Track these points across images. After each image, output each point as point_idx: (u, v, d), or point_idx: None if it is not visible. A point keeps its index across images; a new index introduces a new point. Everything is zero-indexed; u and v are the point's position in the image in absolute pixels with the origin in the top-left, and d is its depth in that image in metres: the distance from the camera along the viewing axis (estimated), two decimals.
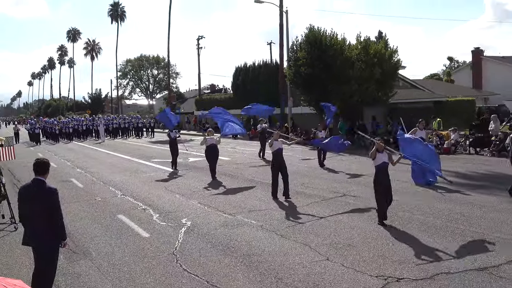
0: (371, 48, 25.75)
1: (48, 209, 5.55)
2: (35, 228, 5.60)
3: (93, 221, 10.07)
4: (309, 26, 27.60)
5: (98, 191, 13.73)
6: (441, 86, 42.32)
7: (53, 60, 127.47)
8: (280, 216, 9.88)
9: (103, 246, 8.19)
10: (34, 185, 5.69)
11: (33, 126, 40.02)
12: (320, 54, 25.92)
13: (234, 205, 11.13)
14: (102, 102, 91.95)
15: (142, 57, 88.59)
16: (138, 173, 17.37)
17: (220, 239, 8.30)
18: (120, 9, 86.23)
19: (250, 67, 42.42)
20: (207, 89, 73.09)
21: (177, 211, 10.69)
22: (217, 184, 14.13)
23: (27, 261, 7.32)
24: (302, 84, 27.51)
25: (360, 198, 11.40)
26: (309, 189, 12.76)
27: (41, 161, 5.81)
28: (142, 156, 23.56)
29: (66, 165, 20.93)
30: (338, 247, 7.61)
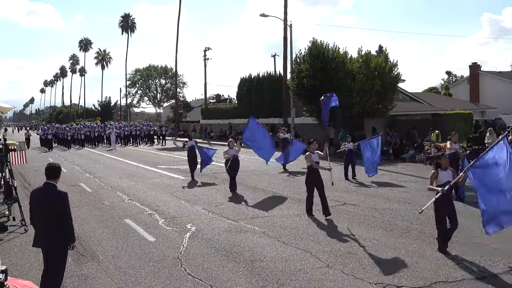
0: (372, 61, 25.80)
1: (58, 212, 5.55)
2: (45, 231, 5.60)
3: (101, 225, 10.05)
4: (312, 39, 27.75)
5: (106, 196, 13.73)
6: (440, 99, 42.28)
7: (65, 69, 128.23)
8: (282, 223, 9.83)
9: (110, 249, 8.17)
10: (45, 189, 5.69)
11: (46, 132, 39.74)
12: (322, 66, 25.97)
13: (237, 211, 11.09)
14: (111, 110, 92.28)
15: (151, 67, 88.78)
16: (145, 179, 17.36)
17: (224, 244, 8.27)
18: (131, 20, 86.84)
19: (254, 78, 42.52)
20: (213, 98, 73.26)
21: (182, 216, 10.66)
22: (221, 191, 14.10)
23: (36, 262, 7.30)
24: (305, 95, 27.53)
25: (359, 207, 11.35)
26: None
27: (53, 165, 5.82)
28: (149, 162, 23.56)
29: (75, 170, 20.95)
30: (338, 254, 7.56)
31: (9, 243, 8.85)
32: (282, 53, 34.66)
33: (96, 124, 48.19)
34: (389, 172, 17.99)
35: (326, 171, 10.62)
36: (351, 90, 25.22)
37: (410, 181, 15.41)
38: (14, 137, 54.33)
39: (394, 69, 26.49)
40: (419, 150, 22.13)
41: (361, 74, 25.45)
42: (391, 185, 14.52)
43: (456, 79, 71.04)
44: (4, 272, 3.66)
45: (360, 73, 25.52)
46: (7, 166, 10.43)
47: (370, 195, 12.84)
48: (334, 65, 25.99)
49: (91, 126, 45.37)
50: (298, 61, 28.54)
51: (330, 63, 26.04)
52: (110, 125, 46.01)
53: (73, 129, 43.16)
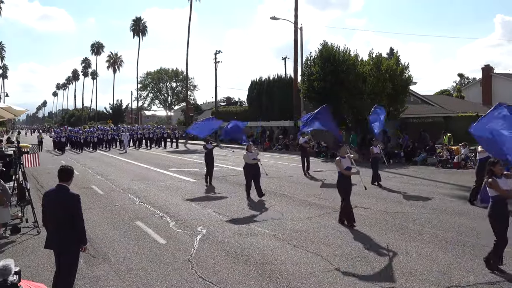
0: (383, 64, 25.69)
1: (70, 214, 5.59)
2: (57, 232, 5.65)
3: (112, 227, 10.12)
4: (323, 42, 27.80)
5: (117, 198, 13.81)
6: (452, 102, 41.98)
7: (77, 72, 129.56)
8: (293, 226, 9.81)
9: (121, 252, 8.21)
10: (57, 191, 5.74)
11: (59, 135, 39.52)
12: (333, 69, 25.94)
13: (248, 214, 11.09)
14: (122, 113, 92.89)
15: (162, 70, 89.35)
16: (155, 181, 17.43)
17: (234, 247, 8.27)
18: (142, 24, 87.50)
19: (265, 81, 42.57)
20: (223, 101, 73.38)
21: (193, 219, 10.69)
22: (231, 194, 14.11)
23: (48, 264, 7.36)
24: (315, 98, 27.51)
25: (371, 210, 11.28)
26: (321, 200, 12.68)
27: (65, 168, 5.87)
28: (160, 165, 23.67)
29: (87, 172, 21.12)
30: (349, 257, 7.52)
31: (22, 244, 8.94)
32: (293, 56, 34.75)
33: (109, 127, 47.69)
34: (401, 175, 17.87)
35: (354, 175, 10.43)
36: (362, 92, 25.15)
37: (421, 184, 15.29)
38: (27, 139, 55.00)
39: (405, 71, 26.34)
40: (431, 153, 21.95)
41: (372, 76, 25.37)
42: (403, 188, 14.41)
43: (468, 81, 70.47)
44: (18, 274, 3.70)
45: (371, 75, 25.44)
46: (20, 168, 10.55)
47: (382, 198, 12.76)
48: (345, 67, 25.96)
49: (104, 129, 45.04)
50: (308, 63, 28.56)
51: (340, 66, 26.01)
52: (123, 128, 45.37)
53: (86, 131, 42.91)
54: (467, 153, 20.38)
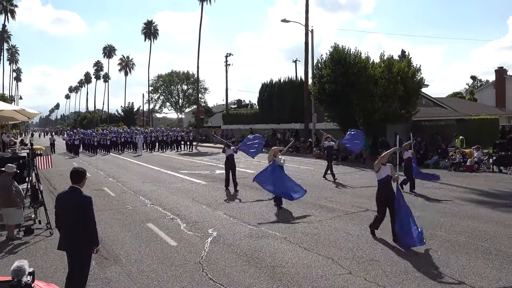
0: (395, 66, 25.58)
1: (83, 216, 5.63)
2: (69, 234, 5.69)
3: (124, 229, 10.18)
4: (334, 44, 27.77)
5: (129, 200, 13.90)
6: (464, 104, 41.61)
7: (89, 75, 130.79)
8: (303, 229, 9.78)
9: (132, 253, 8.25)
10: (70, 193, 5.79)
11: (72, 137, 39.12)
12: (344, 71, 25.88)
13: (258, 216, 11.09)
14: (134, 115, 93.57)
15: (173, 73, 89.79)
16: (166, 183, 17.51)
17: (245, 249, 8.27)
18: (153, 27, 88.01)
19: (275, 83, 42.58)
20: (234, 104, 73.57)
21: (204, 221, 10.71)
22: (242, 196, 14.12)
23: (61, 265, 7.43)
24: (326, 100, 27.47)
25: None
26: (332, 203, 12.63)
27: (77, 170, 5.92)
28: (171, 167, 23.78)
29: (99, 174, 21.28)
30: (360, 261, 7.48)
31: (35, 245, 9.03)
32: (304, 59, 34.74)
33: (122, 130, 47.11)
34: None
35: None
36: (373, 95, 25.06)
37: (434, 188, 15.16)
38: (40, 142, 55.56)
39: (417, 74, 26.20)
40: (443, 156, 21.76)
41: (383, 79, 25.26)
42: (415, 192, 14.31)
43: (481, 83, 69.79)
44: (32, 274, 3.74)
45: (383, 78, 25.33)
46: (34, 170, 10.66)
47: None
48: (356, 70, 25.88)
49: (117, 132, 44.58)
50: (319, 66, 28.52)
51: (351, 68, 25.94)
52: (137, 131, 44.72)
53: (99, 134, 42.48)
54: (480, 156, 20.18)
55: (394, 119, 25.82)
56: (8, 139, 20.66)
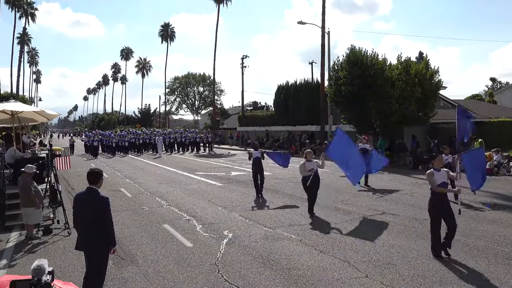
0: (412, 68, 25.34)
1: (100, 217, 5.69)
2: (87, 234, 5.75)
3: (140, 229, 10.26)
4: (351, 46, 27.59)
5: (145, 201, 14.01)
6: (483, 106, 40.95)
7: (107, 77, 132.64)
8: (320, 231, 9.74)
9: (149, 254, 8.31)
10: (87, 194, 5.86)
11: (91, 139, 38.58)
12: (360, 73, 25.71)
13: (274, 219, 11.07)
14: (151, 117, 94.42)
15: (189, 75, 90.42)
16: (182, 185, 17.61)
17: (261, 251, 8.26)
18: (170, 29, 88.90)
19: (292, 85, 42.55)
20: (250, 106, 73.65)
21: (220, 223, 10.74)
22: (257, 198, 14.12)
23: (78, 264, 7.51)
24: (343, 102, 27.32)
25: (399, 216, 11.08)
26: (348, 206, 12.54)
27: (94, 171, 5.98)
28: (187, 169, 23.90)
29: (116, 175, 21.50)
30: (377, 264, 7.41)
31: (54, 245, 9.16)
32: (320, 61, 34.63)
33: (141, 131, 46.10)
34: None
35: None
36: (390, 97, 24.84)
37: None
38: (59, 143, 56.35)
39: (435, 75, 25.93)
40: None
41: (400, 81, 25.04)
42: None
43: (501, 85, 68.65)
44: (51, 274, 3.78)
45: (400, 80, 25.11)
46: (53, 171, 10.82)
47: (410, 205, 12.54)
48: (373, 72, 25.69)
49: (136, 133, 43.87)
50: (336, 68, 28.39)
51: (368, 70, 25.76)
52: (157, 132, 43.91)
53: (117, 135, 41.79)
54: (499, 159, 19.84)
55: (412, 122, 25.56)
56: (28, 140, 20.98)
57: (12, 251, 8.80)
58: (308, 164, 11.51)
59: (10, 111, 12.47)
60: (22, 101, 26.14)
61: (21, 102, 15.37)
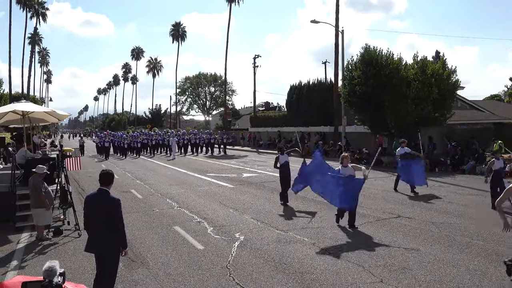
0: (429, 68, 25.11)
1: (111, 218, 5.73)
2: (98, 236, 5.80)
3: (151, 231, 10.31)
4: (365, 45, 27.45)
5: (156, 203, 14.08)
6: (503, 107, 40.50)
7: (117, 77, 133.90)
8: (333, 234, 9.70)
9: (159, 256, 8.35)
10: (98, 195, 5.91)
11: (102, 140, 38.13)
12: (375, 73, 25.56)
13: (287, 221, 11.05)
14: (161, 117, 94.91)
15: (200, 75, 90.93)
16: (194, 186, 17.67)
17: (273, 255, 8.25)
18: (181, 29, 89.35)
19: (304, 85, 42.50)
20: (262, 106, 73.71)
21: (231, 225, 10.75)
22: (269, 200, 14.11)
23: (89, 266, 7.58)
24: (357, 103, 27.19)
25: (415, 220, 10.99)
26: (363, 209, 12.45)
27: (106, 172, 6.03)
28: (198, 170, 23.98)
29: (127, 176, 21.65)
30: (392, 269, 7.35)
31: (64, 246, 9.25)
32: (333, 60, 34.52)
33: (154, 132, 45.37)
34: (447, 184, 17.35)
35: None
36: (406, 97, 24.65)
37: (469, 194, 14.79)
38: (69, 143, 56.97)
39: (452, 75, 25.66)
40: (480, 162, 21.20)
41: (416, 81, 24.85)
42: (449, 198, 13.99)
43: None
44: (62, 275, 3.83)
45: (416, 80, 24.92)
46: (63, 171, 10.93)
47: (426, 208, 12.43)
48: (388, 71, 25.53)
49: (148, 134, 43.40)
50: (350, 67, 28.28)
51: (383, 70, 25.60)
52: (170, 133, 43.25)
53: (130, 136, 41.00)
54: None
55: (428, 123, 25.33)
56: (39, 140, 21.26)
57: (23, 252, 8.90)
58: (344, 171, 10.43)
59: (21, 111, 12.62)
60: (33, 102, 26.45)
61: (32, 103, 15.54)
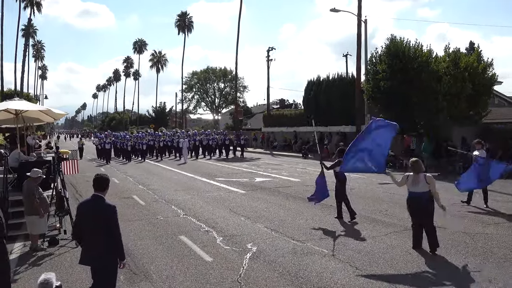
0: (462, 60, 24.92)
1: (107, 227, 5.72)
2: (93, 247, 5.79)
3: (155, 241, 10.37)
4: (391, 36, 27.34)
5: (160, 210, 14.15)
6: None
7: (118, 72, 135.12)
8: (355, 245, 9.65)
9: (164, 269, 8.39)
10: (93, 202, 5.90)
11: (103, 141, 37.05)
12: (402, 67, 25.43)
13: (304, 231, 11.02)
14: (166, 116, 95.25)
15: (209, 70, 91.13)
16: (201, 192, 17.72)
17: (288, 267, 8.24)
18: (188, 19, 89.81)
19: (323, 80, 42.31)
20: (276, 104, 73.71)
21: (242, 234, 10.76)
22: (284, 208, 14.09)
23: (87, 279, 7.60)
24: (381, 99, 27.06)
25: (447, 230, 10.87)
26: (388, 217, 12.38)
27: (100, 176, 6.01)
28: (206, 174, 24.05)
29: (128, 181, 21.80)
30: (422, 285, 7.29)
31: (60, 257, 9.34)
32: (355, 53, 34.35)
33: (162, 132, 44.06)
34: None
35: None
36: (437, 93, 24.48)
37: (508, 201, 14.59)
38: (66, 145, 57.53)
39: (488, 69, 25.44)
40: None
41: (448, 75, 24.66)
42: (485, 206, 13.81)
43: None
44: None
45: (447, 74, 24.73)
46: (59, 176, 11.03)
47: (459, 217, 12.30)
48: (416, 65, 25.39)
49: (155, 134, 41.97)
50: (374, 61, 28.18)
51: (411, 63, 25.47)
52: (180, 133, 41.88)
53: (134, 137, 39.29)
54: None
55: (461, 121, 25.10)
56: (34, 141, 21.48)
57: (16, 263, 8.99)
58: (412, 180, 9.36)
59: (14, 110, 12.72)
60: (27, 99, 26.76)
61: (25, 100, 15.71)
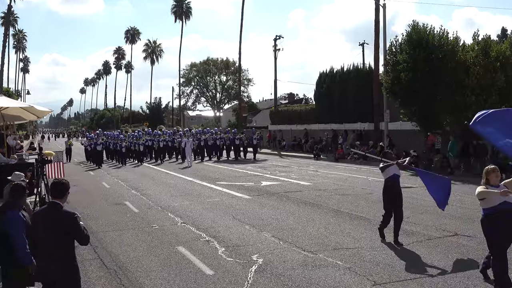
0: (493, 49, 24.80)
1: (67, 237, 5.61)
2: (46, 261, 5.65)
3: (149, 253, 10.39)
4: (412, 22, 27.24)
5: (155, 218, 14.18)
6: None
7: (108, 64, 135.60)
8: (373, 257, 9.64)
9: (160, 283, 8.40)
10: (49, 209, 5.78)
11: (93, 142, 36.24)
12: (425, 56, 25.38)
13: (315, 241, 11.02)
14: (162, 113, 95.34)
15: (209, 61, 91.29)
16: (201, 197, 17.75)
17: (298, 282, 8.24)
18: (186, 5, 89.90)
19: (337, 72, 42.32)
20: (285, 99, 73.80)
21: (247, 245, 10.77)
22: (294, 215, 14.09)
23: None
24: (402, 93, 27.01)
25: (475, 239, 10.84)
26: (411, 225, 12.36)
27: (58, 181, 5.94)
28: (206, 177, 24.08)
29: (119, 185, 21.85)
30: None
31: None
32: (373, 41, 34.35)
33: (161, 131, 42.59)
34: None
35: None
36: (465, 86, 24.41)
37: None
38: (51, 146, 57.76)
39: None
40: None
41: (477, 66, 24.56)
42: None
43: None
44: None
45: (477, 64, 24.62)
46: (43, 180, 11.09)
47: None
48: (441, 54, 25.34)
49: (155, 133, 40.75)
50: (393, 50, 28.14)
51: (435, 52, 25.41)
52: (183, 132, 40.21)
53: (129, 137, 38.02)
54: None
55: None
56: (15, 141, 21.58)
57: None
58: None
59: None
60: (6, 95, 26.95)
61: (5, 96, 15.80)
